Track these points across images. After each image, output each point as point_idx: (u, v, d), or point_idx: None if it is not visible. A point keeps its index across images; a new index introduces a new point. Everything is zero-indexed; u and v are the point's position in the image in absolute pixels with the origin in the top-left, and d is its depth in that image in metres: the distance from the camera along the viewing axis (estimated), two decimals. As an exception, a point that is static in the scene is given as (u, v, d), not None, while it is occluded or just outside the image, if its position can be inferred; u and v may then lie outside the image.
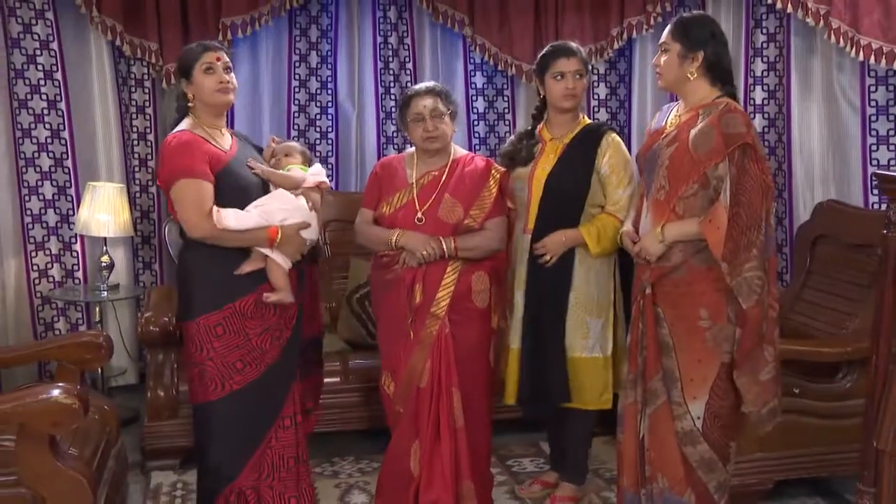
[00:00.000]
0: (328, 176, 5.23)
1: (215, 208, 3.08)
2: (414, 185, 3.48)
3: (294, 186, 3.29)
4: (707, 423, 3.12)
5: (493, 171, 3.51)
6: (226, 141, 3.27)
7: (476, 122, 5.44)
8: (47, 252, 4.95)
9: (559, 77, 3.63)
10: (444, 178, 3.48)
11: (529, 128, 3.82)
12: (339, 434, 4.30)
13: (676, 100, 3.33)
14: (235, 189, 3.17)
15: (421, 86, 3.56)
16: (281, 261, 3.17)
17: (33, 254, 4.89)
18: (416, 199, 3.46)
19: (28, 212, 4.87)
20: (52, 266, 4.98)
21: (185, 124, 3.21)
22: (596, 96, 5.41)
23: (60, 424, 2.94)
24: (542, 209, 3.61)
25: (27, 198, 4.86)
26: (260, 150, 3.45)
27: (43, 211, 4.92)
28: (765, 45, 4.91)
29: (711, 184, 3.05)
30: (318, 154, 5.29)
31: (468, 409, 3.42)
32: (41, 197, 4.90)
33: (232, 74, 3.25)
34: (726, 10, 5.03)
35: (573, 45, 3.71)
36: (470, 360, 3.43)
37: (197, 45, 3.28)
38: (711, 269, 3.06)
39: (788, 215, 4.86)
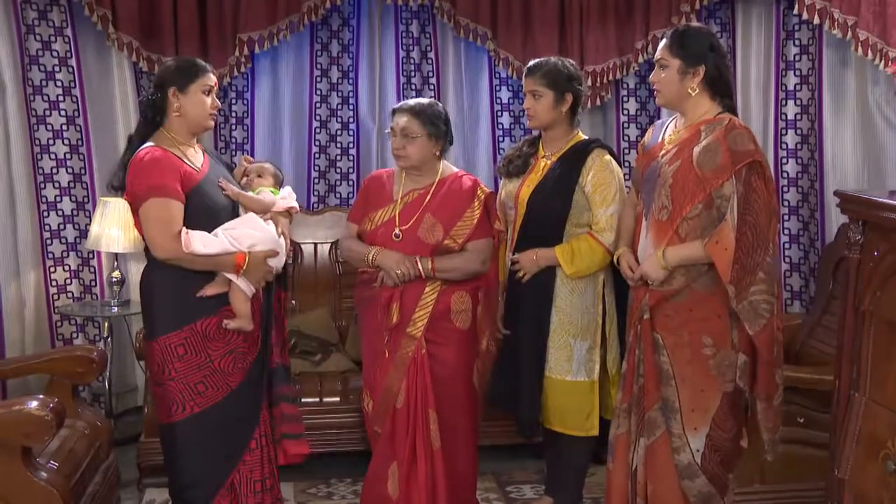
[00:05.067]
0: (349, 193, 5.25)
1: (184, 230, 3.00)
2: (398, 203, 3.41)
3: (264, 210, 3.21)
4: (706, 456, 3.02)
5: (478, 192, 3.44)
6: (198, 158, 3.18)
7: (501, 138, 5.30)
8: (66, 268, 4.94)
9: (524, 97, 3.61)
10: (428, 197, 3.41)
11: (537, 136, 3.73)
12: (338, 455, 4.21)
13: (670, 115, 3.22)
14: (204, 210, 3.08)
15: (405, 102, 3.52)
16: (245, 287, 3.09)
17: (52, 269, 4.88)
18: (397, 217, 3.40)
19: (47, 227, 4.87)
20: (71, 282, 4.96)
21: (156, 139, 3.10)
22: (626, 112, 5.24)
23: (32, 436, 3.00)
24: (524, 227, 3.55)
25: (46, 213, 4.86)
26: (230, 169, 3.38)
27: (62, 226, 4.92)
28: (797, 57, 4.70)
29: (715, 203, 2.95)
30: (338, 170, 5.24)
31: (448, 432, 3.35)
32: (60, 213, 4.90)
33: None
34: (757, 21, 4.83)
35: (539, 61, 3.61)
36: (450, 382, 3.36)
37: (199, 61, 3.20)
38: (714, 293, 2.97)
39: (820, 237, 4.61)
